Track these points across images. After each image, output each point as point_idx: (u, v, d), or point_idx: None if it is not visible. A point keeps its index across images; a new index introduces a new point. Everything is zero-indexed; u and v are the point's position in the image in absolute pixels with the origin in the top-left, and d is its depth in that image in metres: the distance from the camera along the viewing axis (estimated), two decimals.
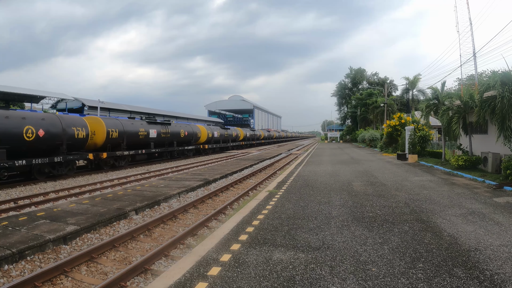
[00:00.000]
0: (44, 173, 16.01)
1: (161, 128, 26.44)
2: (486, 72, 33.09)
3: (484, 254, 4.88)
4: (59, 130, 16.45)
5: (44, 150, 15.82)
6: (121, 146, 21.53)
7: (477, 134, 16.33)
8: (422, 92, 47.65)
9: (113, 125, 21.14)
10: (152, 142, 25.08)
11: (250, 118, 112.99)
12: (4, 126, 13.83)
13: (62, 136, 16.51)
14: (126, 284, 4.90)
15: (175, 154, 29.11)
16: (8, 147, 13.90)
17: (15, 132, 14.21)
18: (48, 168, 16.06)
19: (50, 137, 15.83)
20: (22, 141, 14.48)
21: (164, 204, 10.11)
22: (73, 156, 17.27)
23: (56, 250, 6.21)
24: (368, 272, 4.36)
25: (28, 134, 14.72)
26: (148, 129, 24.67)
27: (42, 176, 15.80)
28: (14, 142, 14.16)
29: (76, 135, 17.47)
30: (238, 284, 4.09)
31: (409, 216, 7.24)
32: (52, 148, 16.19)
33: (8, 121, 14.13)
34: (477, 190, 10.32)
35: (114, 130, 20.95)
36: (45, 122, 15.89)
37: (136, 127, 23.65)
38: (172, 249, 6.30)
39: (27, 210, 9.43)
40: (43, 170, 15.92)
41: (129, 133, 22.36)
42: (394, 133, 29.68)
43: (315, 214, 7.56)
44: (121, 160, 21.78)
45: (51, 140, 15.97)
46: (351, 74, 79.64)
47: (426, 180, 12.78)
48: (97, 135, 19.89)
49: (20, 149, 14.58)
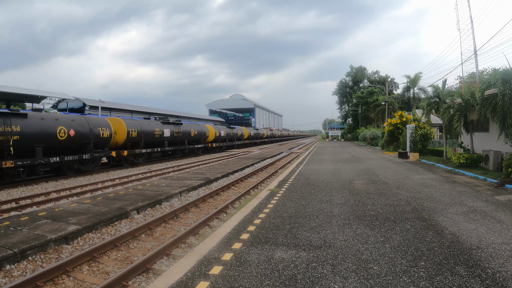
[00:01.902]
0: (73, 169, 17.46)
1: (173, 128, 28.04)
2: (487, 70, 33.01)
3: (486, 252, 4.87)
4: (87, 130, 18.17)
5: (74, 148, 17.48)
6: (139, 145, 23.24)
7: (478, 132, 16.30)
8: (423, 90, 47.53)
9: (132, 125, 22.79)
10: (166, 141, 26.72)
11: (251, 117, 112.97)
12: (41, 127, 15.48)
13: (90, 135, 18.26)
14: (128, 283, 4.91)
15: (186, 152, 30.80)
16: (44, 146, 15.47)
17: (50, 132, 15.84)
18: (77, 164, 17.60)
19: (79, 137, 17.58)
20: (55, 140, 16.13)
21: (165, 203, 10.12)
22: (99, 154, 19.00)
23: (58, 250, 6.22)
24: (369, 270, 4.35)
25: (61, 133, 16.45)
26: (162, 128, 26.28)
27: (71, 172, 17.26)
28: (49, 141, 15.77)
29: (101, 135, 19.20)
30: (240, 283, 4.09)
31: (411, 214, 7.23)
32: (80, 146, 17.89)
33: (44, 122, 15.78)
34: (478, 188, 10.30)
35: (134, 130, 22.57)
36: (75, 123, 17.68)
37: (152, 127, 25.20)
38: (174, 248, 6.30)
39: (28, 210, 9.45)
40: (73, 166, 17.41)
41: (146, 132, 23.92)
42: (395, 132, 29.65)
43: (316, 212, 7.56)
44: (139, 158, 23.41)
45: (80, 139, 17.69)
46: (352, 72, 79.52)
47: (428, 178, 12.76)
48: (118, 134, 21.44)
49: (54, 147, 16.15)
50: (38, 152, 15.12)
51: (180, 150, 29.31)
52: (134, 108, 54.16)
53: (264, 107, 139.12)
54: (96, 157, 18.78)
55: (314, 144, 58.31)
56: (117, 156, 20.81)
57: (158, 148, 25.45)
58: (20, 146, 14.33)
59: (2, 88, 31.78)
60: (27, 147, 14.76)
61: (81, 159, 17.54)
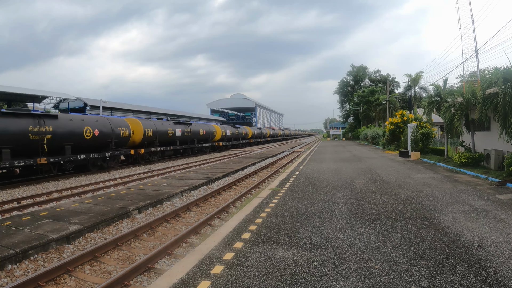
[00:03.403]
0: (97, 166, 18.94)
1: (184, 128, 29.77)
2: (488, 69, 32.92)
3: (487, 251, 4.87)
4: (109, 130, 19.68)
5: (98, 147, 19.01)
6: (154, 143, 24.92)
7: (480, 131, 16.28)
8: (424, 89, 47.45)
9: (148, 125, 24.49)
10: (177, 140, 28.40)
11: (252, 116, 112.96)
12: (69, 127, 17.05)
13: (111, 135, 19.79)
14: (130, 283, 4.92)
15: (196, 150, 32.79)
16: (72, 144, 16.97)
17: (77, 132, 17.40)
18: (100, 161, 19.10)
19: (103, 136, 19.07)
20: (82, 139, 17.68)
21: (167, 203, 10.13)
22: (119, 152, 20.48)
23: (60, 250, 6.24)
24: (371, 269, 4.35)
25: (87, 133, 17.97)
26: (174, 128, 27.98)
27: (94, 168, 18.68)
28: (77, 140, 17.35)
29: (121, 134, 20.74)
30: (242, 282, 4.10)
31: (412, 213, 7.23)
32: (103, 145, 19.35)
33: (72, 122, 17.35)
34: (480, 187, 10.29)
35: (149, 129, 24.21)
36: (99, 123, 19.20)
37: (166, 127, 26.87)
38: (175, 248, 6.31)
39: (30, 210, 9.47)
40: (96, 163, 18.92)
41: (160, 132, 25.58)
42: (396, 131, 29.61)
43: (318, 212, 7.56)
44: (154, 155, 24.93)
45: (103, 138, 19.18)
46: (353, 71, 79.43)
47: (429, 177, 12.75)
48: (136, 134, 23.01)
49: (81, 145, 17.66)
50: (68, 150, 16.60)
51: (190, 148, 31.09)
52: (135, 107, 54.19)
53: (265, 107, 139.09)
54: (117, 154, 20.33)
55: (315, 143, 58.28)
56: (135, 153, 22.46)
57: (171, 147, 27.06)
58: (52, 145, 15.79)
59: (3, 88, 31.82)
60: (58, 146, 16.24)
61: (104, 156, 19.08)
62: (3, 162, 13.45)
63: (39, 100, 39.60)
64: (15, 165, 14.06)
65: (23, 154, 14.76)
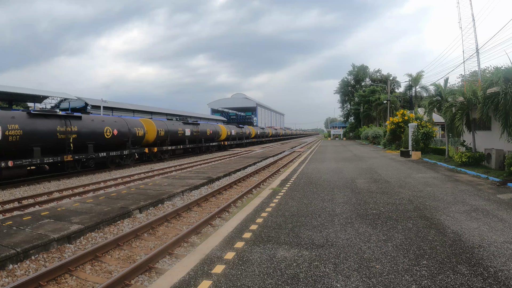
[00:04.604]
0: (115, 163, 20.28)
1: (193, 128, 31.27)
2: (489, 69, 32.90)
3: (488, 251, 4.86)
4: (126, 130, 21.12)
5: (116, 145, 20.40)
6: (166, 142, 26.42)
7: (481, 130, 16.26)
8: (425, 88, 47.37)
9: (160, 125, 25.96)
10: (187, 139, 29.92)
11: (253, 116, 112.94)
12: (92, 127, 18.51)
13: (128, 134, 21.21)
14: (131, 282, 4.93)
15: (203, 149, 34.31)
16: (94, 143, 18.45)
17: (98, 132, 18.83)
18: (118, 159, 20.51)
19: (121, 135, 20.54)
20: (103, 138, 19.14)
21: (168, 203, 10.14)
22: (135, 150, 22.04)
23: (61, 249, 6.25)
24: (372, 269, 4.36)
25: (107, 133, 19.42)
26: (184, 128, 29.50)
27: (112, 165, 20.01)
28: (98, 139, 18.79)
29: (137, 134, 22.18)
30: (242, 282, 4.10)
31: (413, 213, 7.23)
32: (121, 143, 20.77)
33: (94, 123, 18.82)
34: (480, 187, 10.28)
35: (162, 129, 25.67)
36: (117, 123, 20.66)
37: (176, 127, 28.43)
38: (176, 248, 6.32)
39: (31, 209, 9.47)
40: (115, 160, 20.27)
41: (171, 132, 27.12)
42: (397, 130, 29.58)
43: (318, 211, 7.57)
44: (165, 154, 26.52)
45: (121, 138, 20.64)
46: (354, 71, 79.31)
47: (430, 177, 12.74)
48: (149, 133, 24.31)
49: (101, 144, 19.07)
50: (90, 148, 18.07)
51: (198, 147, 32.80)
52: (136, 107, 54.24)
53: (266, 106, 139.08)
54: (133, 153, 21.86)
55: (316, 143, 58.25)
56: (149, 152, 23.95)
57: (181, 146, 28.65)
58: (77, 143, 17.25)
59: (4, 88, 31.89)
60: (82, 144, 17.66)
61: (122, 154, 20.52)
62: (35, 159, 14.84)
63: (40, 100, 39.67)
64: (45, 162, 15.44)
65: (52, 152, 16.09)
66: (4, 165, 13.45)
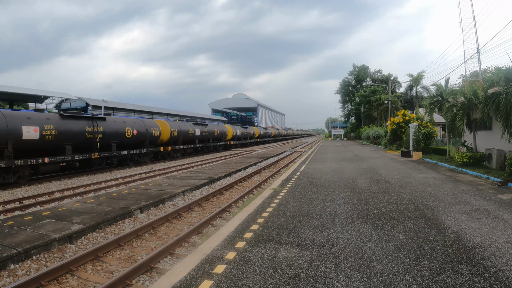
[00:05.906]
0: (134, 161, 22.01)
1: (202, 128, 33.03)
2: (490, 69, 32.86)
3: (488, 251, 4.87)
4: (144, 130, 23.02)
5: (135, 144, 22.27)
6: (178, 142, 28.19)
7: (481, 131, 16.25)
8: (426, 89, 47.32)
9: (173, 126, 27.67)
10: (196, 139, 31.63)
11: (254, 116, 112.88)
12: (115, 127, 20.27)
13: (146, 134, 23.16)
14: (132, 282, 4.93)
15: (211, 148, 36.19)
16: (117, 142, 20.21)
17: (120, 132, 20.72)
18: (137, 157, 22.34)
19: (140, 135, 22.43)
20: (124, 138, 21.00)
21: (168, 203, 10.15)
22: (151, 149, 23.83)
23: (62, 249, 6.26)
24: (372, 269, 4.36)
25: (128, 133, 21.25)
26: (194, 128, 31.19)
27: (132, 163, 21.70)
28: (120, 138, 20.63)
29: (154, 134, 24.07)
30: (243, 282, 4.11)
31: (414, 213, 7.23)
32: (139, 143, 22.68)
33: (116, 124, 20.65)
34: (481, 187, 10.28)
35: (175, 130, 27.44)
36: (136, 124, 22.51)
37: (187, 127, 30.08)
38: (177, 248, 6.33)
39: (32, 209, 9.49)
40: (134, 158, 22.05)
41: (183, 132, 28.87)
42: (398, 130, 29.57)
43: (319, 211, 7.57)
44: (178, 152, 28.33)
45: (140, 137, 22.53)
46: (355, 71, 79.24)
47: (431, 177, 12.74)
48: (164, 133, 26.03)
49: (123, 143, 20.91)
50: (113, 147, 19.78)
51: (206, 146, 34.64)
52: (137, 107, 54.20)
53: (267, 106, 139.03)
54: (150, 151, 23.66)
55: (317, 143, 58.23)
56: (164, 150, 25.72)
57: (191, 145, 30.38)
58: (102, 142, 19.05)
59: (5, 89, 31.94)
60: (107, 143, 19.41)
61: (140, 153, 22.34)
62: (67, 156, 16.39)
63: (41, 100, 39.71)
64: (75, 159, 16.98)
65: (80, 150, 17.72)
66: (41, 161, 14.97)
